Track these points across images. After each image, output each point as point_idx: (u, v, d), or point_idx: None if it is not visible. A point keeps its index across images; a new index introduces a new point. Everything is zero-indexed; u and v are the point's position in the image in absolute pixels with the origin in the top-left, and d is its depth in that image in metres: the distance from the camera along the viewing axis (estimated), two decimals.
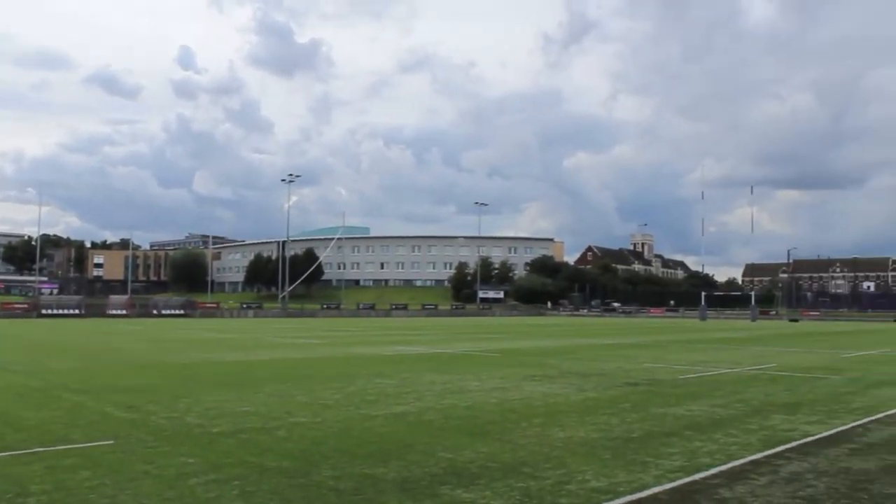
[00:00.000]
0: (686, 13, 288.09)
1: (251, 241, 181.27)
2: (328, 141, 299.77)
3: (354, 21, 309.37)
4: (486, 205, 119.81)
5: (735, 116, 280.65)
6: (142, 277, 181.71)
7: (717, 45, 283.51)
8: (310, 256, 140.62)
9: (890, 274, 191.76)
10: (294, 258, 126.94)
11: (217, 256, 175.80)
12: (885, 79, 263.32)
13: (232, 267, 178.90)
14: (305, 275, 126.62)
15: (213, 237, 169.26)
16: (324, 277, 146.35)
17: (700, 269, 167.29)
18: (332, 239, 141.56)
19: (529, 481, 6.66)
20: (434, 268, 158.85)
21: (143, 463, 7.16)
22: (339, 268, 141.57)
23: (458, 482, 6.60)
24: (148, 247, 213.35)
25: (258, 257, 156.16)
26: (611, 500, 6.10)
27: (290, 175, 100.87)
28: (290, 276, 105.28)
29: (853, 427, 9.85)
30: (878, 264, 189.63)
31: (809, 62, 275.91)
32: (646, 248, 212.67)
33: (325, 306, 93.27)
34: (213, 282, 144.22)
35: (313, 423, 9.60)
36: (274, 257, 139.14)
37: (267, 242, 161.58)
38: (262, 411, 10.56)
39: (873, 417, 10.73)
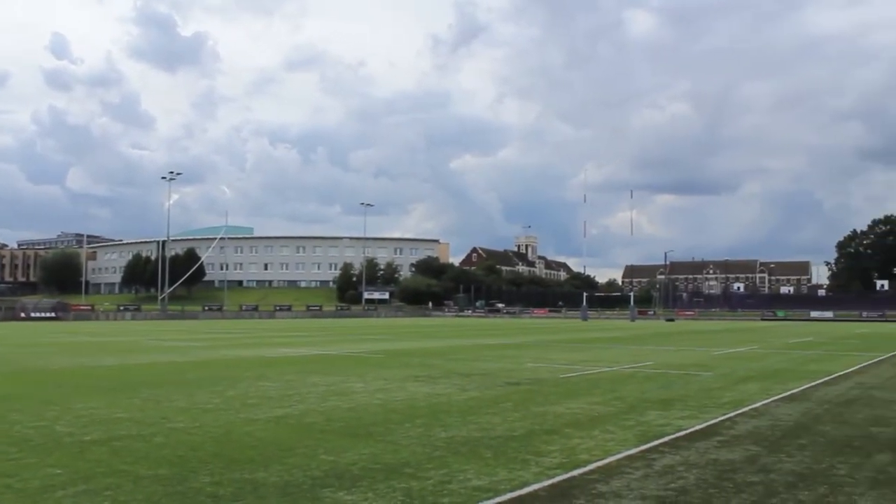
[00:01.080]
0: (571, 21, 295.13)
1: (129, 241, 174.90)
2: (212, 138, 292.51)
3: (241, 16, 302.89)
4: (371, 205, 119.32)
5: (616, 123, 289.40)
6: (8, 278, 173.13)
7: (601, 53, 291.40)
8: (191, 256, 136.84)
9: (758, 275, 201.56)
10: (174, 258, 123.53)
11: (92, 256, 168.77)
12: (755, 91, 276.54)
13: (108, 267, 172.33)
14: (186, 275, 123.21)
15: (88, 236, 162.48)
16: (206, 278, 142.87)
17: (582, 271, 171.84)
18: (215, 239, 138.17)
19: (411, 482, 6.68)
20: (319, 268, 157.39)
21: (3, 476, 6.77)
22: (222, 268, 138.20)
23: (340, 485, 6.55)
24: (15, 246, 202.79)
25: (136, 257, 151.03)
26: (491, 498, 6.17)
27: (172, 172, 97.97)
28: (170, 277, 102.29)
29: (722, 420, 10.30)
30: (747, 266, 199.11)
31: (686, 73, 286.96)
32: (530, 249, 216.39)
33: (206, 308, 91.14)
34: (87, 283, 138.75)
35: (192, 429, 9.35)
36: (153, 257, 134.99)
37: (146, 242, 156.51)
38: (138, 417, 10.23)
39: (740, 411, 11.25)
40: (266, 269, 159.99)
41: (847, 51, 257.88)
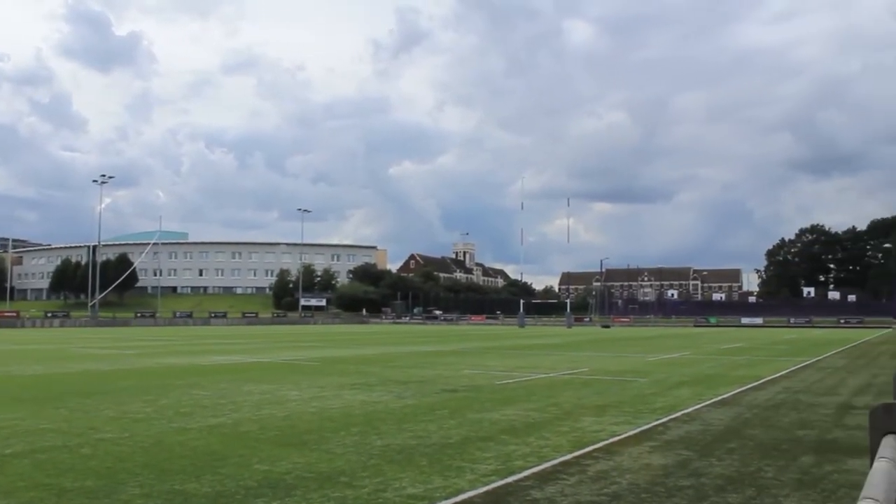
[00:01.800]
0: (512, 30, 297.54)
1: (58, 245, 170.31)
2: (147, 141, 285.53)
3: (178, 17, 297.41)
4: (309, 211, 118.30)
5: (555, 131, 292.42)
6: None
7: (540, 61, 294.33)
8: (123, 262, 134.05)
9: (691, 283, 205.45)
10: (106, 264, 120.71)
11: (18, 261, 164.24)
12: (690, 101, 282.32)
13: (35, 273, 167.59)
14: (118, 282, 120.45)
15: (14, 240, 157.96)
16: (138, 284, 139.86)
17: (519, 278, 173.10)
18: (148, 244, 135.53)
19: (346, 490, 6.63)
20: (255, 275, 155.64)
21: None
22: (155, 274, 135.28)
23: (274, 494, 6.47)
24: None
25: (66, 262, 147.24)
26: None
27: (104, 175, 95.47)
28: (101, 283, 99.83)
29: (655, 426, 10.46)
30: (681, 274, 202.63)
31: (623, 82, 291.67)
32: (468, 256, 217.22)
33: (139, 315, 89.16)
34: (12, 289, 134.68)
35: (121, 439, 9.13)
36: (84, 262, 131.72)
37: (76, 247, 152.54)
38: (64, 428, 9.95)
39: (673, 416, 11.45)
40: (201, 275, 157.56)
41: (775, 65, 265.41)
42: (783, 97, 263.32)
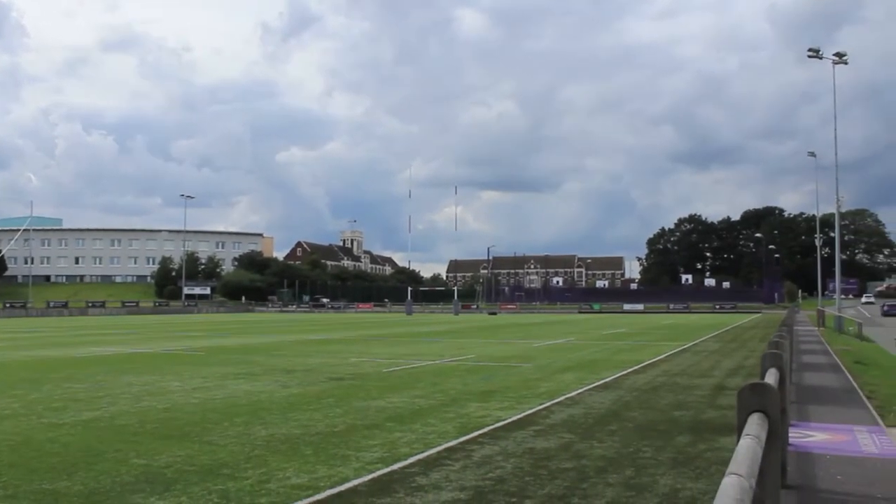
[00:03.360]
0: (404, 16, 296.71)
1: None
2: (16, 120, 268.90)
3: None
4: (192, 197, 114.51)
5: (444, 119, 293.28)
6: None
7: (431, 49, 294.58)
8: None
9: (576, 270, 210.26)
10: None
11: None
12: (577, 93, 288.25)
13: None
14: None
15: None
16: (7, 273, 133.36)
17: (407, 265, 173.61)
18: (18, 230, 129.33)
19: (229, 482, 6.48)
20: (136, 263, 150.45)
21: None
22: (27, 262, 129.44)
23: (152, 489, 6.27)
24: None
25: None
26: (311, 496, 6.09)
27: None
28: None
29: (538, 410, 10.65)
30: (566, 261, 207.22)
31: (513, 72, 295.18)
32: (355, 244, 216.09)
33: (8, 305, 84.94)
34: None
35: None
36: None
37: None
38: None
39: (556, 400, 11.68)
40: (77, 263, 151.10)
41: (659, 60, 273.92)
42: (666, 92, 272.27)
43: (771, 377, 5.03)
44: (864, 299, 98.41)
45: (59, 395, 12.39)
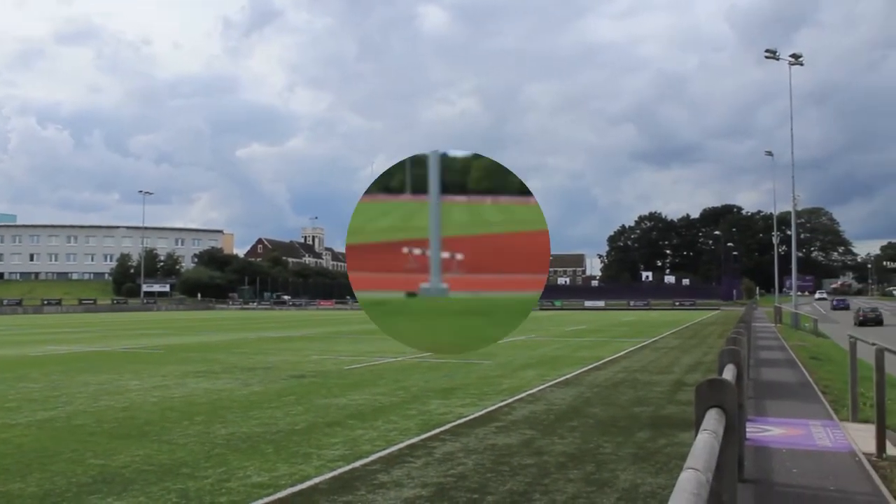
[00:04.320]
0: (367, 12, 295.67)
1: None
2: None
3: None
4: (151, 193, 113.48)
5: (407, 116, 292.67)
6: None
7: (394, 46, 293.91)
8: None
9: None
10: None
11: None
12: (540, 91, 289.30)
13: None
14: None
15: None
16: None
17: None
18: None
19: (188, 482, 6.43)
20: (93, 260, 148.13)
21: None
22: None
23: (110, 490, 6.19)
24: None
25: None
26: (271, 494, 6.05)
27: None
28: None
29: (500, 407, 10.70)
30: None
31: (476, 70, 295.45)
32: (317, 241, 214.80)
33: None
34: None
35: None
36: None
37: None
38: None
39: (518, 397, 11.74)
40: (32, 260, 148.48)
41: (620, 59, 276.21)
42: (628, 91, 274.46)
43: (728, 373, 5.09)
44: (817, 296, 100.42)
45: (12, 395, 12.18)
